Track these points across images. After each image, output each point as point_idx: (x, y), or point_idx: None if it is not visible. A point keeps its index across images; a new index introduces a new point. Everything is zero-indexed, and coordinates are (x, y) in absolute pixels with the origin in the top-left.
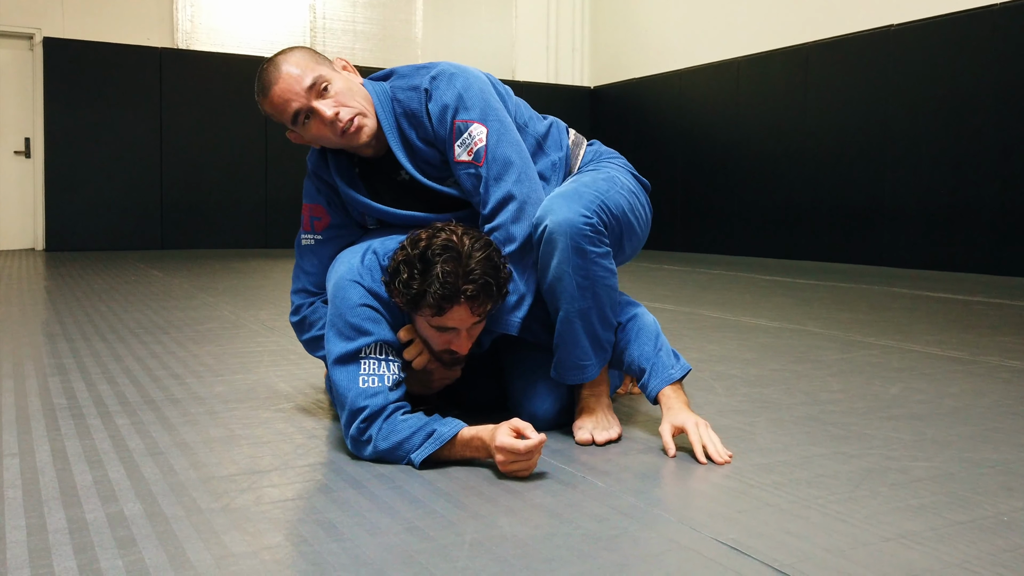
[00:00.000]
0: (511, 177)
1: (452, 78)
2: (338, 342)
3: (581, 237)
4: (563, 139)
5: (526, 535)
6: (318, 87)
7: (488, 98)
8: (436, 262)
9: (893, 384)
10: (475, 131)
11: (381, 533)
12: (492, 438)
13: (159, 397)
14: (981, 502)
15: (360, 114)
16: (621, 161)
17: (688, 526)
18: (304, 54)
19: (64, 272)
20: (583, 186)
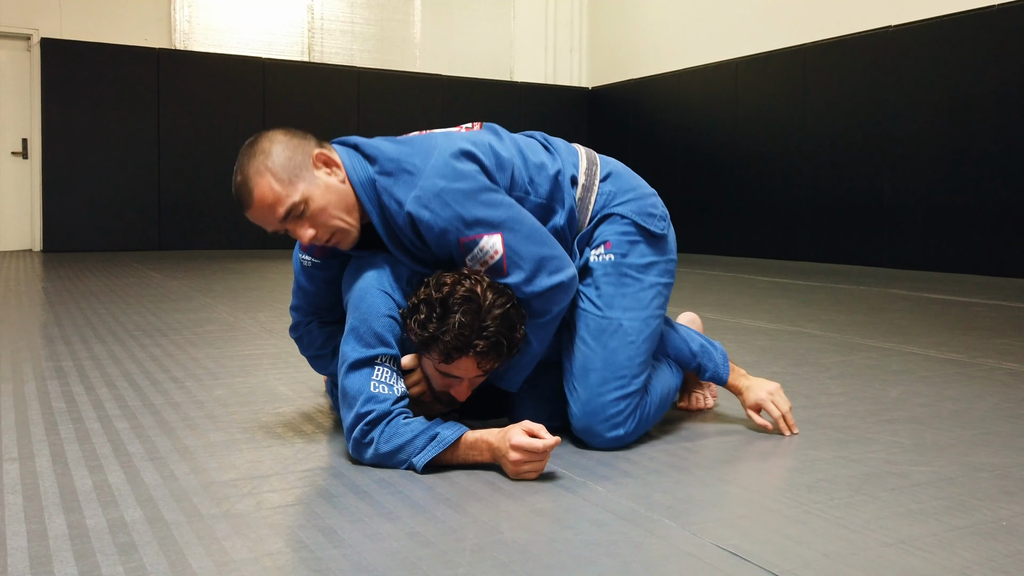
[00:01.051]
0: (541, 274)
1: (440, 197)
2: (357, 346)
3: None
4: (565, 193)
5: (527, 540)
6: (293, 214)
7: (487, 202)
8: (455, 311)
9: (893, 387)
10: (486, 245)
11: (382, 539)
12: (502, 440)
13: (159, 401)
14: (980, 507)
15: (339, 230)
16: (645, 252)
17: (689, 531)
18: (272, 176)
19: (62, 273)
20: (611, 373)
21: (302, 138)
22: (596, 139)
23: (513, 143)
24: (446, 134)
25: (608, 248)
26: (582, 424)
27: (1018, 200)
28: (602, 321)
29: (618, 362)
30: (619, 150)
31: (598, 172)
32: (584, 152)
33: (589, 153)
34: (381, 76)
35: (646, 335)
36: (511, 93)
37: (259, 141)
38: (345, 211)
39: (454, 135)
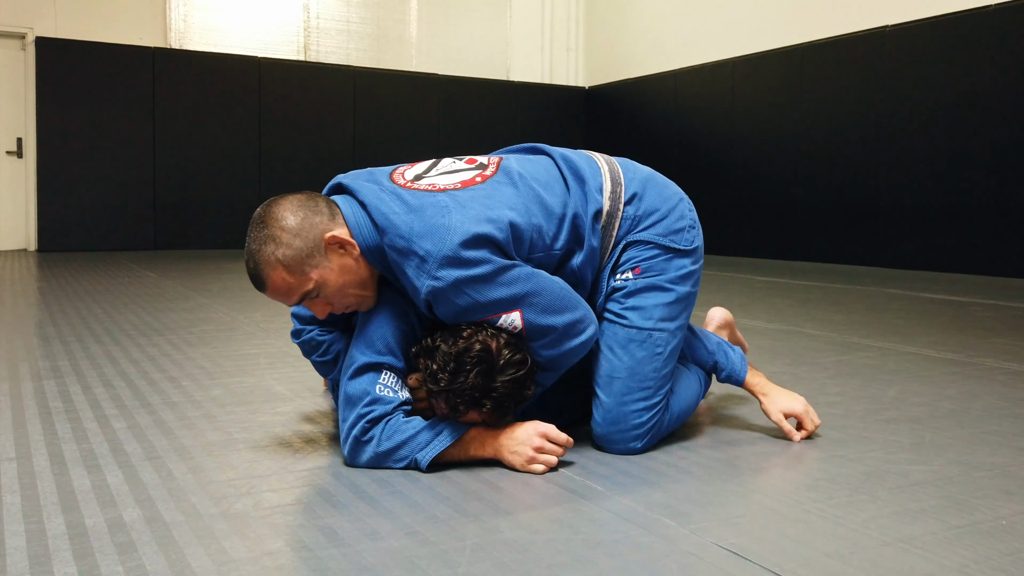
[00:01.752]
0: (563, 340)
1: (456, 287)
2: (367, 351)
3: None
4: (586, 233)
5: (527, 540)
6: (308, 297)
7: (504, 282)
8: (467, 369)
9: (890, 386)
10: (504, 322)
11: (382, 538)
12: (510, 434)
13: (156, 401)
14: (979, 506)
15: (353, 304)
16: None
17: (688, 530)
18: (284, 267)
19: (57, 273)
20: (634, 391)
21: (314, 212)
22: (593, 139)
23: (531, 193)
24: (460, 204)
25: (637, 273)
26: (603, 431)
27: (1015, 199)
28: (631, 331)
29: (644, 373)
30: (616, 150)
31: (622, 194)
32: (608, 171)
33: (613, 170)
34: (377, 75)
35: (674, 345)
36: (508, 92)
37: (268, 223)
38: (359, 287)
39: (469, 206)
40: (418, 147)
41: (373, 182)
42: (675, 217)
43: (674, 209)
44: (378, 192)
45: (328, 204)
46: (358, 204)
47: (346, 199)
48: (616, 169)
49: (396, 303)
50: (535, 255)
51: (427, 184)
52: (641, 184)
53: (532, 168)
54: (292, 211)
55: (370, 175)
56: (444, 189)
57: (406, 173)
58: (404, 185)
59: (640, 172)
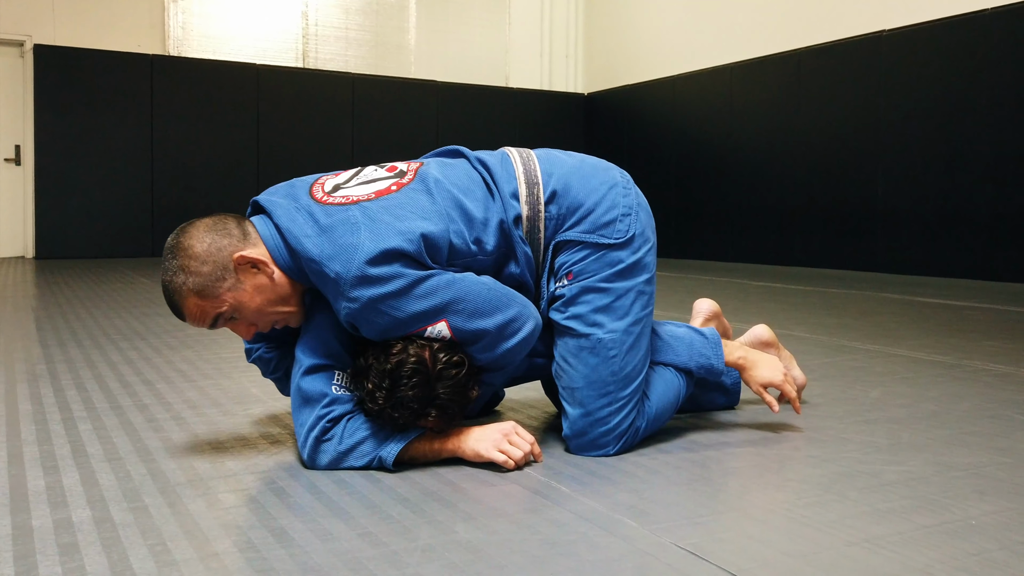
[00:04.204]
0: (498, 342)
1: (372, 307)
2: (313, 355)
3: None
4: (514, 240)
5: (481, 541)
6: (224, 318)
7: (422, 294)
8: (403, 384)
9: (874, 388)
10: (432, 333)
11: (333, 539)
12: (480, 426)
13: (127, 403)
14: (951, 506)
15: (278, 320)
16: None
17: (649, 531)
18: (195, 294)
19: (51, 279)
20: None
21: (222, 235)
22: (592, 145)
23: (449, 199)
24: (370, 219)
25: (571, 279)
26: (572, 443)
27: (1012, 205)
28: (580, 340)
29: (601, 378)
30: (614, 156)
31: (541, 195)
32: (522, 172)
33: (529, 171)
34: (376, 82)
35: (628, 345)
36: (507, 99)
37: (177, 253)
38: (280, 303)
39: (379, 220)
40: (417, 154)
41: (290, 198)
42: (603, 209)
43: (601, 201)
44: (292, 212)
45: (239, 225)
46: (274, 225)
47: (263, 219)
48: (533, 168)
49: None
50: (460, 260)
51: (342, 196)
52: (561, 180)
53: (452, 173)
54: (199, 238)
55: (290, 189)
56: (357, 201)
57: (326, 184)
58: (320, 200)
59: (562, 166)
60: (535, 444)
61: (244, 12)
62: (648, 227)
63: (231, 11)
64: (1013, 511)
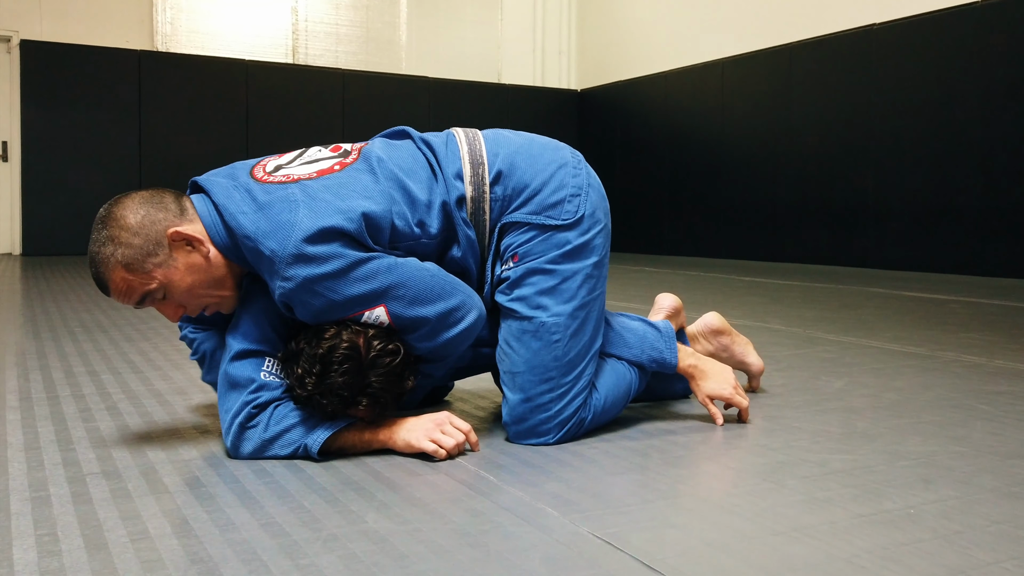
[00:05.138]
0: (439, 330)
1: (307, 288)
2: (244, 341)
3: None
4: (457, 223)
5: (389, 530)
6: (152, 298)
7: (360, 277)
8: (333, 370)
9: (839, 379)
10: (369, 318)
11: (233, 529)
12: (413, 416)
13: (64, 393)
14: (892, 495)
15: (209, 304)
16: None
17: (569, 520)
18: (124, 268)
19: (30, 275)
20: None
21: (157, 209)
22: (585, 140)
23: (392, 180)
24: (310, 197)
25: (516, 261)
26: (512, 429)
27: (1003, 199)
28: (522, 323)
29: (543, 363)
30: (607, 152)
31: (486, 175)
32: (467, 152)
33: (474, 150)
34: (366, 78)
35: (573, 329)
36: (499, 95)
37: (108, 224)
38: (213, 286)
39: (318, 198)
40: None
41: (229, 177)
42: (550, 190)
43: (549, 181)
44: (230, 190)
45: (177, 200)
46: (212, 203)
47: (201, 198)
48: (479, 148)
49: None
50: (403, 243)
51: (282, 175)
52: (507, 160)
53: (396, 154)
54: (133, 209)
55: (231, 170)
56: (298, 179)
57: (267, 165)
58: (259, 179)
59: (509, 145)
60: (471, 433)
61: (233, 8)
62: (599, 208)
63: (220, 7)
64: (956, 500)
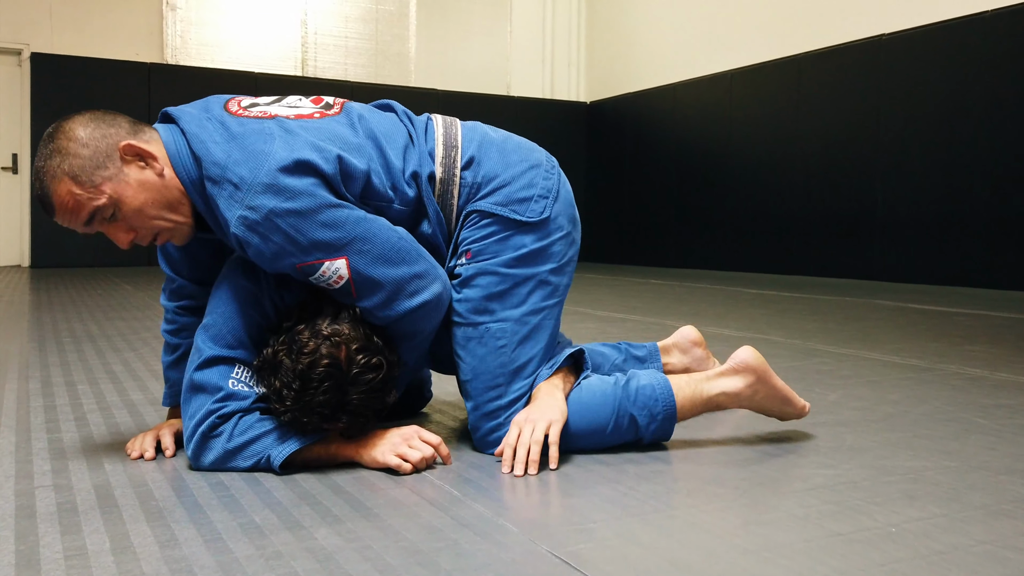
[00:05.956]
0: (399, 297)
1: (269, 220)
2: (215, 346)
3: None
4: (426, 196)
5: (336, 548)
6: (100, 216)
7: (326, 221)
8: (314, 390)
9: (834, 391)
10: (327, 271)
11: (174, 546)
12: (381, 431)
13: (36, 404)
14: (874, 512)
15: (164, 230)
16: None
17: (528, 537)
18: (71, 179)
19: (37, 287)
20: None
21: (109, 124)
22: (594, 153)
23: (371, 140)
24: (286, 131)
25: (469, 258)
26: (474, 441)
27: (1012, 210)
28: (468, 329)
29: (489, 370)
30: (616, 164)
31: (458, 158)
32: (442, 134)
33: (448, 133)
34: (375, 91)
35: (522, 335)
36: (509, 108)
37: (56, 137)
38: (167, 208)
39: (296, 133)
40: None
41: (202, 109)
42: (519, 185)
43: (519, 176)
44: (202, 120)
45: (132, 123)
46: (180, 132)
47: (168, 127)
48: (454, 132)
49: (247, 290)
50: (374, 202)
51: (259, 111)
52: (481, 148)
53: (377, 117)
54: (83, 123)
55: (204, 103)
56: (275, 116)
57: (243, 101)
58: (235, 112)
59: (485, 136)
60: (442, 446)
61: (242, 20)
62: (564, 215)
63: (229, 19)
64: (940, 518)
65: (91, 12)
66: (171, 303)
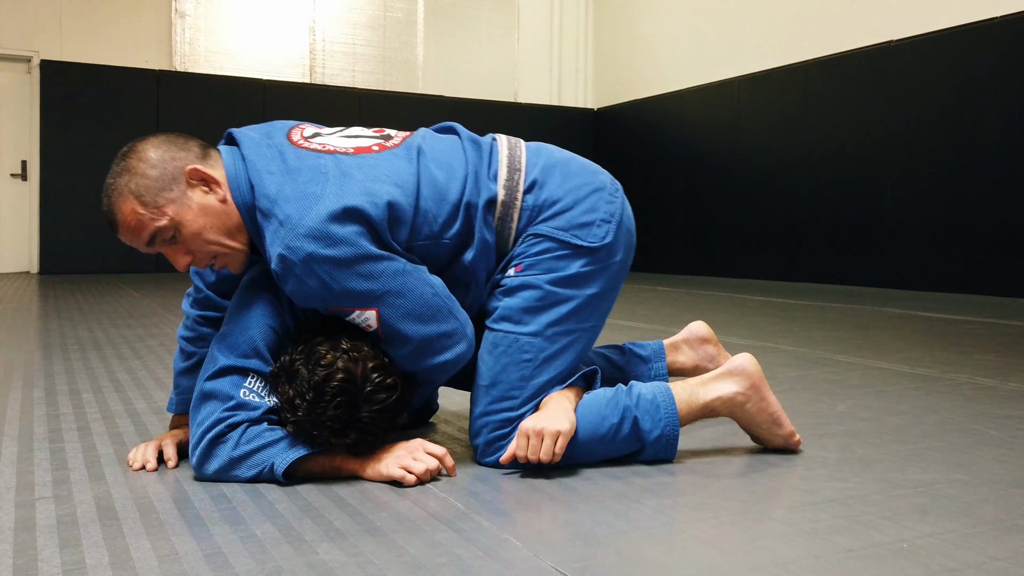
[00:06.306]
0: (424, 353)
1: (307, 264)
2: (230, 354)
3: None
4: (477, 225)
5: (338, 563)
6: (161, 238)
7: (364, 273)
8: (327, 403)
9: (842, 401)
10: (358, 318)
11: (174, 560)
12: (387, 449)
13: (39, 413)
14: (885, 527)
15: (220, 255)
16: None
17: (533, 552)
18: (136, 198)
19: (44, 293)
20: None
21: (180, 148)
22: (601, 160)
23: (427, 174)
24: (341, 173)
25: (518, 271)
26: (472, 442)
27: (1023, 217)
28: (497, 334)
29: (508, 381)
30: (623, 170)
31: (521, 181)
32: (506, 156)
33: (514, 156)
34: (383, 97)
35: (549, 353)
36: (516, 114)
37: (128, 156)
38: (225, 234)
39: (350, 176)
40: None
41: (265, 135)
42: (581, 209)
43: (582, 200)
44: (262, 147)
45: (202, 147)
46: (240, 157)
47: (230, 151)
48: (518, 154)
49: (268, 301)
50: (419, 241)
51: (319, 143)
52: (544, 170)
53: (437, 146)
54: (156, 145)
55: (269, 128)
56: (333, 151)
57: (305, 130)
58: (295, 142)
59: (549, 157)
60: (447, 457)
61: (251, 28)
62: (623, 243)
63: (238, 27)
64: (953, 533)
65: (100, 20)
66: (194, 311)
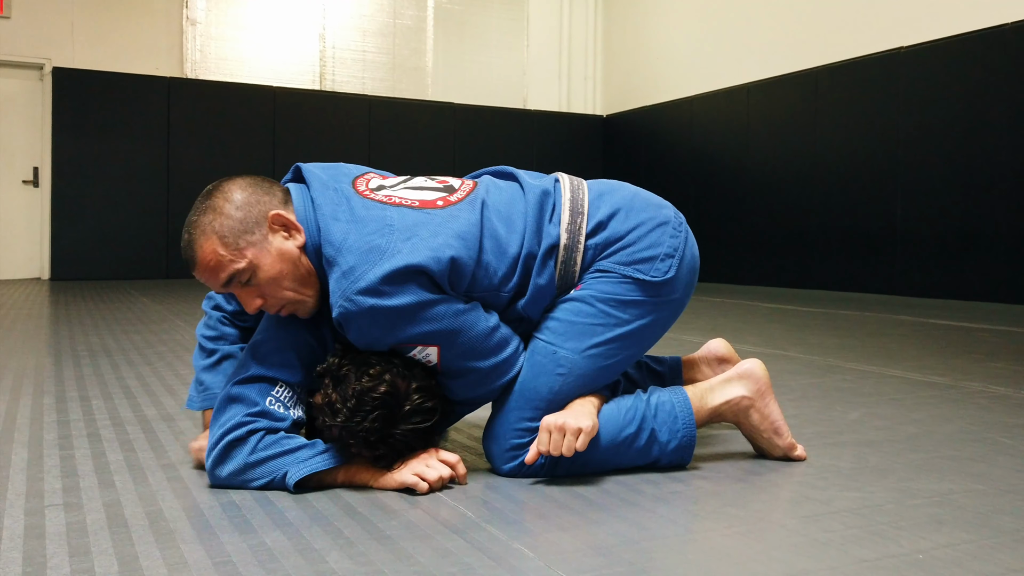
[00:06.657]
0: (477, 386)
1: (369, 316)
2: (260, 366)
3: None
4: (535, 274)
5: (347, 571)
6: (237, 280)
7: (424, 318)
8: (366, 410)
9: (855, 409)
10: (419, 354)
11: (183, 569)
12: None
13: (49, 419)
14: (900, 537)
15: (291, 302)
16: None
17: (544, 562)
18: (218, 238)
19: (55, 300)
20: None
21: (265, 192)
22: (610, 166)
23: (489, 228)
24: (405, 227)
25: (578, 290)
26: (484, 446)
27: None
28: (538, 343)
29: (535, 388)
30: (633, 177)
31: (584, 225)
32: (569, 199)
33: (575, 199)
34: (393, 104)
35: (583, 371)
36: (525, 121)
37: (214, 195)
38: (298, 281)
39: (415, 234)
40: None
41: (332, 178)
42: (645, 244)
43: (645, 236)
44: (329, 191)
45: (285, 193)
46: (310, 199)
47: (300, 190)
48: (580, 197)
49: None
50: (477, 293)
51: (384, 196)
52: (607, 212)
53: (499, 197)
54: (242, 186)
55: (335, 171)
56: (399, 204)
57: (371, 181)
58: (361, 192)
59: (612, 196)
60: (459, 464)
61: (262, 35)
62: (684, 280)
63: (249, 34)
64: (970, 544)
65: (112, 27)
66: (216, 313)
